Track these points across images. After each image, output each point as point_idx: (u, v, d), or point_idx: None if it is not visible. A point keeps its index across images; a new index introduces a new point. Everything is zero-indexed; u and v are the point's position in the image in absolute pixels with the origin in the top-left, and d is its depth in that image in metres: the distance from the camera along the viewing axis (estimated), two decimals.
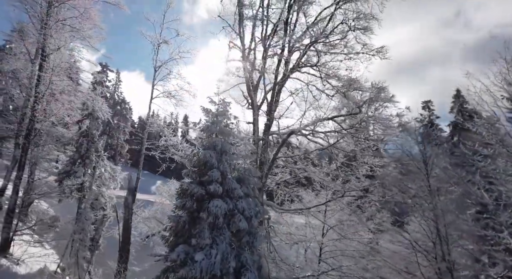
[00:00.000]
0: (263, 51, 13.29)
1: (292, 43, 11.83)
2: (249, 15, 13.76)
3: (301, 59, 11.60)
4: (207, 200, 8.54)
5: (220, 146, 9.12)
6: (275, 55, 12.29)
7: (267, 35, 12.97)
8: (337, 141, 10.19)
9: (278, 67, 12.32)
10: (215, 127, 9.37)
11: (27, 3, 15.81)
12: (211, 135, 9.41)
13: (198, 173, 9.08)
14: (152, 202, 28.59)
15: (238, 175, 9.41)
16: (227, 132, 9.48)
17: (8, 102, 35.38)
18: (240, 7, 13.54)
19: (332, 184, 12.15)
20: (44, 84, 15.22)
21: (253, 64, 13.57)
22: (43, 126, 15.32)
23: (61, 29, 16.77)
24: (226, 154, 9.24)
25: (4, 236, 13.29)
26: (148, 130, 19.46)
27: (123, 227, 12.26)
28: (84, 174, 18.64)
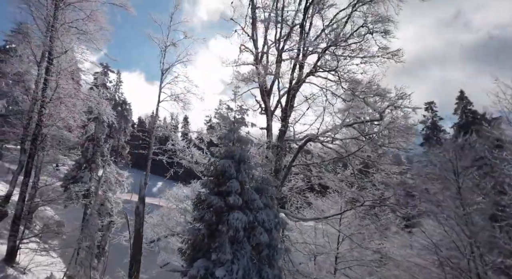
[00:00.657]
0: (277, 54, 12.95)
1: (308, 46, 11.48)
2: (261, 18, 13.43)
3: (318, 63, 11.25)
4: (226, 212, 8.17)
5: (239, 155, 8.76)
6: (290, 59, 11.93)
7: (281, 38, 12.61)
8: (358, 149, 9.83)
9: (293, 71, 11.97)
10: (233, 135, 9.01)
11: (33, 5, 15.46)
12: (229, 143, 9.04)
13: (216, 183, 8.72)
14: (156, 206, 28.28)
15: (256, 184, 9.05)
16: (245, 140, 9.11)
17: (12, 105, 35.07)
18: (253, 9, 13.19)
19: (348, 191, 11.80)
20: (50, 88, 14.88)
21: (266, 68, 13.24)
22: (50, 131, 14.97)
23: (67, 31, 16.46)
24: (244, 163, 8.88)
25: (11, 244, 12.94)
26: (156, 134, 19.10)
27: (135, 237, 11.92)
28: (90, 179, 18.31)
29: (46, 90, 14.70)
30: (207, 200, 8.33)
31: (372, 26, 10.53)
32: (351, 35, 10.34)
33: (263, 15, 13.54)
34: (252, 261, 7.96)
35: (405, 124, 9.89)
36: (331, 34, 11.72)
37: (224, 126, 9.37)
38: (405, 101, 9.56)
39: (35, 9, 15.47)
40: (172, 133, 19.22)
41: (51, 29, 15.20)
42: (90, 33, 16.43)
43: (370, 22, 10.52)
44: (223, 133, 9.06)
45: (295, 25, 12.13)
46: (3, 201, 14.83)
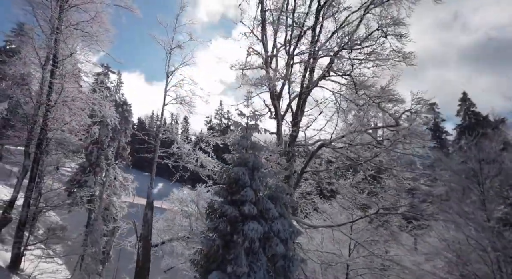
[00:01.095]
0: (287, 57, 12.72)
1: (320, 49, 11.23)
2: (271, 20, 13.20)
3: (330, 67, 10.98)
4: (241, 222, 7.92)
5: (252, 163, 8.51)
6: (301, 62, 11.69)
7: (291, 41, 12.37)
8: (375, 156, 9.58)
9: (304, 75, 11.72)
10: (246, 141, 8.75)
11: (37, 7, 15.22)
12: (242, 149, 8.79)
13: (229, 191, 8.47)
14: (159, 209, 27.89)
15: (269, 192, 8.80)
16: (259, 147, 8.87)
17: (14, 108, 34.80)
18: (263, 12, 12.94)
19: (360, 198, 11.54)
20: (56, 92, 14.64)
21: (276, 71, 13.01)
22: (55, 135, 14.73)
23: (72, 33, 16.24)
24: (258, 171, 8.64)
25: (15, 251, 12.68)
26: (161, 137, 18.82)
27: (143, 244, 11.66)
28: (95, 183, 18.05)
29: (52, 94, 14.45)
30: (220, 210, 8.09)
31: (386, 29, 10.27)
32: (366, 39, 10.07)
33: (272, 18, 13.34)
34: (268, 273, 7.70)
35: (421, 130, 9.65)
36: (343, 37, 11.48)
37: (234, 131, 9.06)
38: (423, 107, 9.34)
39: (40, 10, 15.24)
40: (177, 137, 18.96)
41: (56, 31, 14.95)
42: (95, 35, 16.20)
43: (384, 25, 10.27)
44: (236, 140, 8.81)
45: (306, 27, 11.88)
46: (7, 206, 14.57)
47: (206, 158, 18.52)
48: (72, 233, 19.79)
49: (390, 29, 10.49)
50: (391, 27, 10.29)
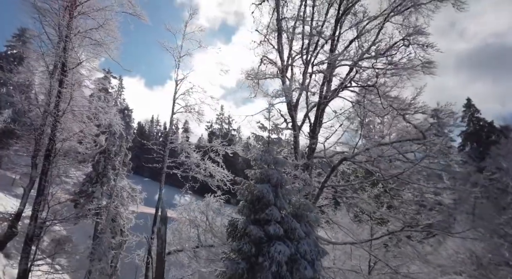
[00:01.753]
0: (304, 66, 12.36)
1: (338, 58, 10.86)
2: (286, 28, 12.89)
3: (353, 77, 10.60)
4: (266, 243, 7.50)
5: (276, 179, 8.09)
6: (320, 72, 11.31)
7: (308, 49, 12.02)
8: (403, 172, 9.14)
9: (323, 85, 11.35)
10: (269, 156, 8.35)
11: (46, 14, 14.89)
12: (265, 165, 8.39)
13: (252, 209, 8.05)
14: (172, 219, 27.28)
15: (293, 210, 8.37)
16: (282, 162, 8.46)
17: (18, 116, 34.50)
18: (278, 20, 12.62)
19: (382, 212, 11.09)
20: (64, 101, 14.27)
21: (292, 81, 12.66)
22: (63, 146, 14.33)
23: (81, 41, 15.93)
24: (282, 188, 8.23)
25: (23, 267, 12.21)
26: (170, 146, 18.42)
27: (157, 261, 11.19)
28: (102, 194, 17.61)
29: (60, 103, 14.08)
30: (244, 229, 7.66)
31: (410, 38, 9.91)
32: (390, 48, 9.71)
33: (286, 25, 13.03)
34: None
35: (447, 144, 9.25)
36: (362, 45, 11.14)
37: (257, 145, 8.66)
38: (451, 119, 8.95)
39: (48, 18, 14.92)
40: (186, 146, 18.56)
41: (65, 39, 14.63)
42: (105, 44, 15.86)
43: (408, 34, 9.92)
44: (258, 155, 8.39)
45: (324, 36, 11.53)
46: (13, 219, 14.14)
47: (215, 167, 18.16)
48: (78, 244, 19.33)
49: (413, 38, 10.12)
50: (414, 36, 9.94)
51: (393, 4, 11.18)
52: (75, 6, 15.26)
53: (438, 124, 9.09)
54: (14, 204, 19.69)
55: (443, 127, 9.31)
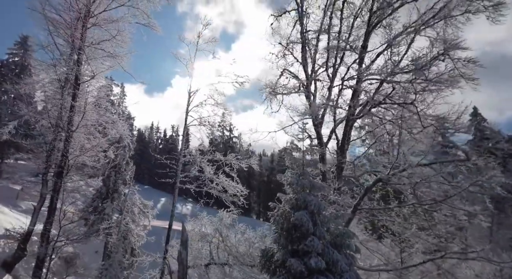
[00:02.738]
0: (329, 81, 11.84)
1: (369, 73, 10.34)
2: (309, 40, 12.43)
3: (383, 92, 10.05)
4: (307, 277, 6.86)
5: (314, 206, 7.49)
6: (350, 87, 10.78)
7: (335, 63, 11.52)
8: (448, 197, 8.49)
9: (352, 100, 10.80)
10: (306, 181, 7.76)
11: (59, 26, 14.46)
12: (301, 190, 7.79)
13: (289, 239, 7.43)
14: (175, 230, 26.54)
15: (332, 239, 7.74)
16: (319, 187, 7.86)
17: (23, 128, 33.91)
18: (303, 33, 12.16)
19: (423, 237, 10.41)
20: (78, 115, 13.76)
21: (314, 95, 12.16)
22: (76, 162, 13.77)
23: (93, 53, 15.50)
24: (320, 215, 7.62)
25: None
26: (183, 160, 17.82)
27: None
28: (113, 210, 16.96)
29: (74, 118, 13.56)
30: (282, 262, 7.04)
31: (449, 52, 9.39)
32: (430, 63, 9.15)
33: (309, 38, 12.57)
34: None
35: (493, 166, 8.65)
36: (394, 59, 10.63)
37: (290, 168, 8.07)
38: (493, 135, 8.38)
39: (62, 30, 14.49)
40: (198, 159, 17.96)
41: (79, 52, 14.19)
42: (119, 56, 15.42)
43: (446, 48, 9.40)
44: (294, 179, 7.80)
45: (356, 49, 11.03)
46: (23, 239, 13.52)
47: (229, 182, 17.58)
48: (86, 261, 18.63)
49: (452, 53, 9.59)
50: (453, 50, 9.42)
51: (423, 17, 10.75)
52: (89, 17, 14.86)
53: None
54: (19, 219, 19.08)
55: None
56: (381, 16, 10.61)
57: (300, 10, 12.25)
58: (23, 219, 19.37)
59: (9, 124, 17.00)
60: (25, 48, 41.91)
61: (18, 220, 19.16)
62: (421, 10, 11.01)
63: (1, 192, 25.75)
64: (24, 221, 19.29)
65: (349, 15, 11.31)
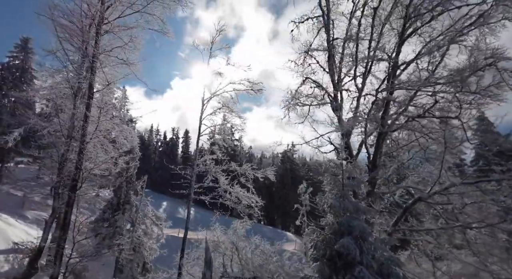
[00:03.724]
0: (358, 91, 11.30)
1: (403, 84, 9.78)
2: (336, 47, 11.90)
3: (430, 106, 9.44)
4: None
5: (358, 232, 6.90)
6: (384, 98, 10.19)
7: (366, 72, 10.97)
8: (502, 221, 7.87)
9: (385, 112, 10.22)
10: (349, 203, 7.17)
11: (73, 33, 13.94)
12: (344, 214, 7.20)
13: (332, 268, 6.83)
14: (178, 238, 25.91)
15: (378, 267, 7.14)
16: (364, 210, 7.27)
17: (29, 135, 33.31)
18: (329, 41, 11.63)
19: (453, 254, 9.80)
20: (92, 126, 13.20)
21: (340, 107, 11.60)
22: (90, 174, 13.19)
23: (106, 60, 14.98)
24: (365, 241, 7.03)
25: None
26: (197, 170, 17.22)
27: None
28: (125, 223, 16.34)
29: (87, 129, 12.98)
30: None
31: (494, 63, 8.83)
32: (475, 74, 8.58)
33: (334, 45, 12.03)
34: None
35: None
36: (428, 69, 10.08)
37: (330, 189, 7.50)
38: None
39: (76, 37, 13.96)
40: (213, 169, 17.38)
41: (93, 59, 13.65)
42: (132, 63, 14.86)
43: (488, 57, 8.85)
44: (336, 201, 7.20)
45: (382, 58, 10.48)
46: (34, 255, 12.92)
47: (244, 193, 17.04)
48: (95, 274, 18.00)
49: (497, 63, 9.01)
50: (498, 61, 8.85)
51: (457, 24, 10.20)
52: (102, 23, 14.34)
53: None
54: (26, 232, 18.46)
55: None
56: (415, 23, 10.07)
57: (326, 18, 11.72)
58: (31, 232, 18.77)
59: (14, 131, 16.45)
60: (26, 51, 41.33)
61: (25, 232, 18.54)
62: (453, 17, 10.53)
63: (4, 200, 25.05)
64: (32, 234, 18.69)
65: (380, 23, 10.75)
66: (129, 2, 14.27)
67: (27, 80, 41.67)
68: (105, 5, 14.20)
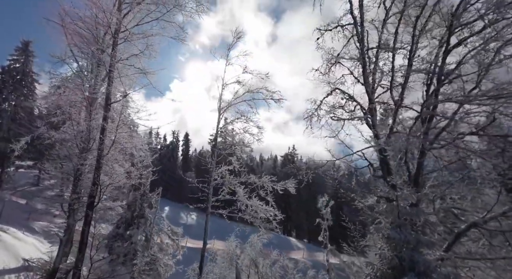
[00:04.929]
0: (395, 104, 10.66)
1: (449, 97, 9.15)
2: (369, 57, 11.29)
3: (485, 125, 8.81)
4: None
5: (422, 268, 6.23)
6: (427, 112, 9.53)
7: (406, 86, 10.32)
8: None
9: (427, 127, 9.57)
10: (409, 235, 6.50)
11: (90, 43, 13.31)
12: (403, 246, 6.53)
13: None
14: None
15: None
16: (427, 243, 6.60)
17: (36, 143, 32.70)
18: (362, 50, 11.02)
19: None
20: (109, 138, 12.54)
21: (375, 119, 10.96)
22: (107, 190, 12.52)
23: (123, 69, 14.35)
24: (428, 277, 6.35)
25: None
26: (213, 184, 16.52)
27: None
28: (140, 238, 15.61)
29: (104, 141, 12.32)
30: None
31: None
32: None
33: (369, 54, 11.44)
34: None
35: None
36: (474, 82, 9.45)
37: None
38: None
39: (93, 46, 13.33)
40: (231, 182, 16.70)
41: (110, 69, 13.02)
42: (151, 72, 14.22)
43: None
44: (394, 232, 6.52)
45: (427, 71, 9.84)
46: (48, 276, 12.21)
47: (262, 206, 16.37)
48: None
49: None
50: None
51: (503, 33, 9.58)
52: (119, 32, 13.73)
53: None
54: (35, 246, 17.76)
55: None
56: (461, 32, 9.46)
57: (360, 27, 11.11)
58: (39, 246, 18.09)
59: (22, 139, 15.80)
60: (26, 54, 40.76)
61: (34, 246, 17.85)
62: None
63: (8, 210, 24.14)
64: (40, 248, 17.99)
65: (423, 31, 10.13)
66: (148, 10, 13.69)
67: (27, 83, 41.08)
68: (122, 13, 13.62)
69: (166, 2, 13.39)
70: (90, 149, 12.96)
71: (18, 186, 42.69)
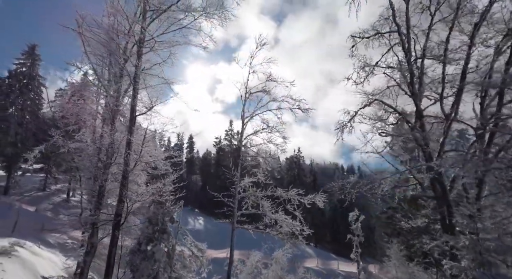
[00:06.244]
0: (446, 118, 9.91)
1: None
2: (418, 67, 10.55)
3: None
4: None
5: None
6: (491, 129, 8.79)
7: (458, 97, 9.60)
8: None
9: (488, 145, 8.82)
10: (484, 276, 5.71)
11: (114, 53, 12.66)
12: None
13: None
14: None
15: None
16: None
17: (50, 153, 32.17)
18: (410, 61, 10.29)
19: None
20: (136, 153, 11.90)
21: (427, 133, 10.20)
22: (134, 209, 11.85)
23: (147, 79, 13.73)
24: None
25: None
26: (238, 197, 15.78)
27: None
28: (163, 255, 14.83)
29: (131, 156, 11.66)
30: None
31: None
32: None
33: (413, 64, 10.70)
34: None
35: None
36: None
37: None
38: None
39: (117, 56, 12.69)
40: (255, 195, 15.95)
41: (134, 80, 12.38)
42: (175, 82, 13.62)
43: None
44: (482, 276, 5.73)
45: (489, 85, 9.10)
46: None
47: (287, 219, 15.60)
48: None
49: None
50: None
51: None
52: (144, 40, 13.12)
53: None
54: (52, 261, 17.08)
55: None
56: None
57: (406, 35, 10.39)
58: (56, 260, 17.46)
59: (35, 149, 15.21)
60: (33, 58, 40.45)
61: (50, 260, 17.18)
62: None
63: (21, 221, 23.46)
64: (57, 262, 17.32)
65: (480, 40, 9.39)
66: (175, 18, 13.07)
67: (34, 87, 40.75)
68: (147, 21, 13.02)
69: (194, 10, 12.75)
70: (113, 163, 12.29)
71: (25, 191, 42.21)
